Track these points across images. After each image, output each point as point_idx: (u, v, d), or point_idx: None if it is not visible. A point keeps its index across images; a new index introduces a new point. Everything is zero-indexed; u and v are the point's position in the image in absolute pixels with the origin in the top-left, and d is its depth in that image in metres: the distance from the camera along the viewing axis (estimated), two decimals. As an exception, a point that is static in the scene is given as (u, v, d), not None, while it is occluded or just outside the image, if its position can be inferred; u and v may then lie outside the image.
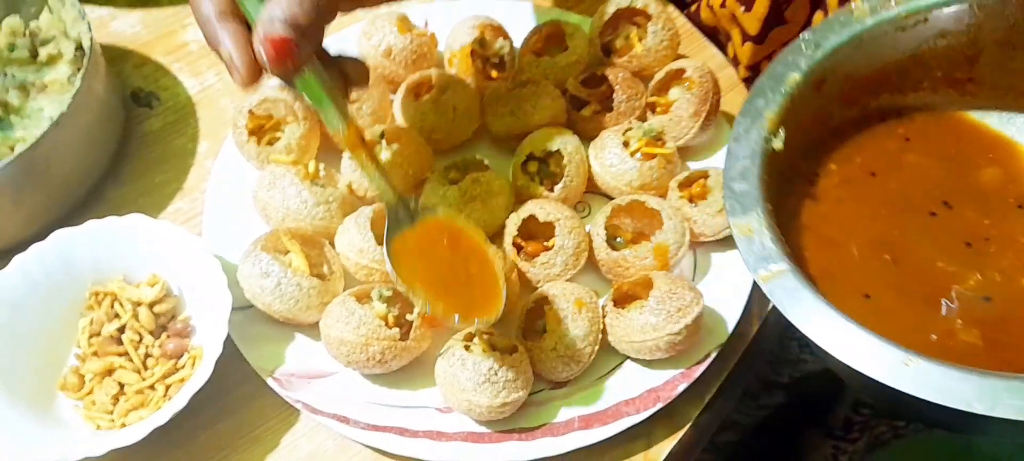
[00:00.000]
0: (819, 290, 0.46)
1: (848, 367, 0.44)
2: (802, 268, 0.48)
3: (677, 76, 0.67)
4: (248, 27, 0.49)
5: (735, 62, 0.75)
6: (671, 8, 0.76)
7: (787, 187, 0.55)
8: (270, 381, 0.57)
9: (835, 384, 0.77)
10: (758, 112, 0.54)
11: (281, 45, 0.47)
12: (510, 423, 0.55)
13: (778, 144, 0.53)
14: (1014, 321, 0.51)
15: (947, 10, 0.56)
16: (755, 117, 0.53)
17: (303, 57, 0.48)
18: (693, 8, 0.78)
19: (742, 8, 0.70)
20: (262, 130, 0.66)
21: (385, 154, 0.64)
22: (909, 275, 0.53)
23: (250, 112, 0.65)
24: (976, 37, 0.57)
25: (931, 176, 0.57)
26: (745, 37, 0.72)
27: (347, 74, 0.53)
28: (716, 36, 0.77)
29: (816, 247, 0.54)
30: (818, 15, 0.68)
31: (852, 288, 0.51)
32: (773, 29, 0.71)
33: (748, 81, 0.74)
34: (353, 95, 0.67)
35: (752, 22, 0.70)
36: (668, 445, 0.56)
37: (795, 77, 0.55)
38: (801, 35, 0.56)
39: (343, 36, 0.74)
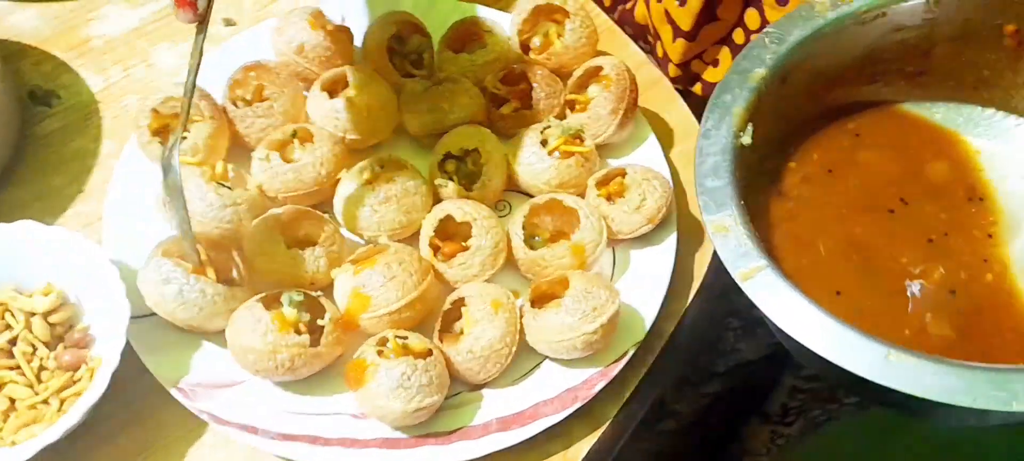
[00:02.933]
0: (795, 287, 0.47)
1: (831, 364, 0.44)
2: (777, 266, 0.48)
3: (595, 74, 0.67)
4: None
5: (665, 61, 0.75)
6: (590, 5, 0.76)
7: (755, 184, 0.55)
8: (174, 392, 0.55)
9: (771, 372, 0.79)
10: (726, 108, 0.54)
11: None
12: (426, 428, 0.54)
13: (747, 139, 0.53)
14: (982, 313, 0.52)
15: (905, 5, 0.57)
16: (724, 113, 0.53)
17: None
18: (628, 5, 0.78)
19: (677, 2, 0.71)
20: (167, 129, 0.63)
21: (298, 154, 0.62)
22: (876, 272, 0.53)
23: (154, 111, 0.62)
24: (931, 32, 0.58)
25: (884, 172, 0.58)
26: (677, 33, 0.72)
27: None
28: (645, 37, 0.78)
29: (787, 245, 0.54)
30: (750, 12, 0.69)
31: (824, 285, 0.52)
32: (704, 26, 0.71)
33: (678, 80, 0.75)
34: (265, 92, 0.65)
35: (685, 17, 0.71)
36: (587, 444, 0.56)
37: (761, 72, 0.55)
38: (764, 29, 0.57)
39: (256, 32, 0.71)
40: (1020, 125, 0.60)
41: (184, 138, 0.62)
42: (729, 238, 0.48)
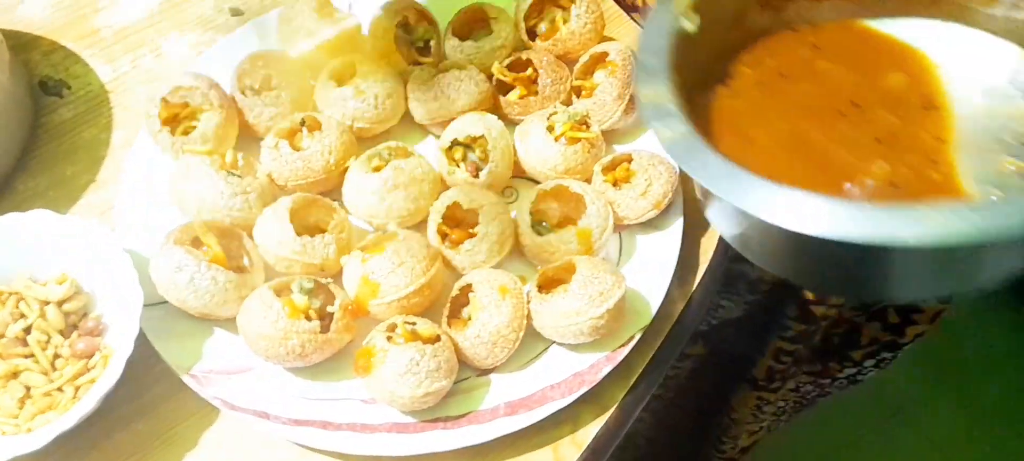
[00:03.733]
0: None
1: (759, 223, 0.44)
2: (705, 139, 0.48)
3: (601, 59, 0.67)
4: None
5: None
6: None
7: (703, 84, 0.55)
8: (186, 378, 0.55)
9: (756, 336, 0.79)
10: None
11: None
12: (435, 412, 0.55)
13: (690, 27, 0.53)
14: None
15: None
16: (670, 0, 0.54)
17: None
18: None
19: None
20: (177, 119, 0.63)
21: (306, 142, 0.63)
22: (818, 164, 0.53)
23: (163, 100, 0.63)
24: None
25: (840, 80, 0.58)
26: None
27: None
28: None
29: (728, 138, 0.54)
30: None
31: (759, 172, 0.51)
32: None
33: None
34: (272, 81, 0.66)
35: None
36: (594, 427, 0.56)
37: None
38: None
39: (262, 22, 0.71)
40: (982, 41, 0.60)
41: (194, 128, 0.63)
42: (657, 107, 0.49)
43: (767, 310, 0.75)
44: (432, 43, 0.70)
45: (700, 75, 0.54)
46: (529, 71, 0.67)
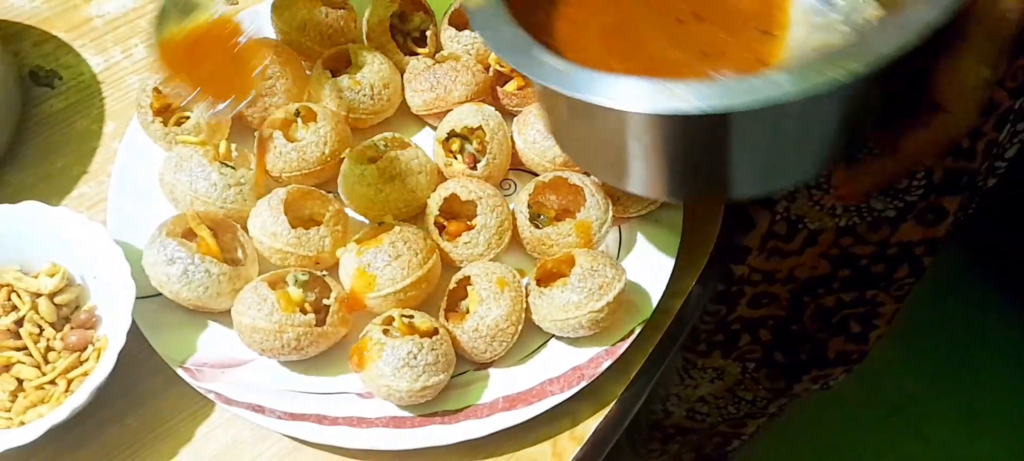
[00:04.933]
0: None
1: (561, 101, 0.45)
2: (539, 36, 0.47)
3: (600, 50, 0.66)
4: None
5: None
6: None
7: None
8: (180, 372, 0.55)
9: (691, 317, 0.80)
10: None
11: None
12: (433, 406, 0.54)
13: None
14: None
15: None
16: None
17: None
18: None
19: None
20: (169, 109, 0.63)
21: (301, 133, 0.62)
22: (640, 59, 0.52)
23: (155, 90, 0.62)
24: None
25: None
26: None
27: None
28: None
29: (558, 23, 0.53)
30: None
31: (575, 57, 0.50)
32: None
33: None
34: (267, 71, 0.65)
35: None
36: (593, 422, 0.56)
37: None
38: None
39: (256, 11, 0.71)
40: None
41: (186, 118, 0.62)
42: None
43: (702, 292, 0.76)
44: (428, 33, 0.69)
45: None
46: (527, 62, 0.66)
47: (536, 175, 0.62)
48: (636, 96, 0.41)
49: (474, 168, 0.61)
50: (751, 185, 0.51)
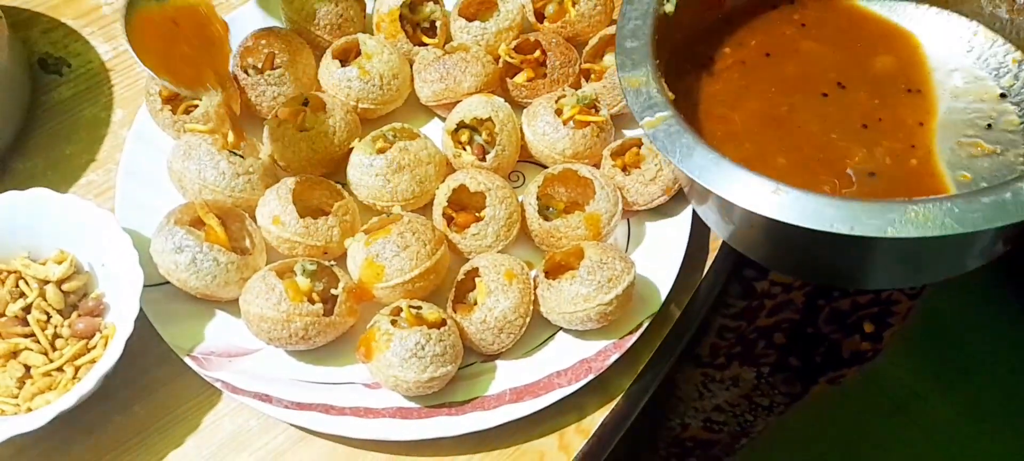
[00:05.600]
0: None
1: (727, 203, 0.46)
2: (684, 122, 0.50)
3: (611, 42, 0.66)
4: None
5: None
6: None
7: (684, 68, 0.57)
8: (188, 360, 0.55)
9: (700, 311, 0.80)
10: None
11: None
12: (440, 398, 0.54)
13: (669, 8, 0.54)
14: (897, 194, 0.52)
15: None
16: None
17: None
18: None
19: None
20: (178, 98, 0.62)
21: (310, 123, 0.62)
22: (797, 146, 0.54)
23: (165, 79, 0.62)
24: None
25: (827, 60, 0.59)
26: None
27: None
28: None
29: (706, 122, 0.55)
30: None
31: (735, 153, 0.52)
32: None
33: None
34: (276, 60, 0.64)
35: None
36: (600, 416, 0.56)
37: None
38: None
39: (265, 0, 0.70)
40: (967, 27, 0.60)
41: (195, 106, 0.62)
42: (640, 93, 0.51)
43: (711, 288, 0.76)
44: (438, 24, 0.68)
45: (682, 59, 0.55)
46: (537, 53, 0.66)
47: (545, 167, 0.62)
48: (891, 223, 0.43)
49: (483, 159, 0.61)
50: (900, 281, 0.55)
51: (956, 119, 0.55)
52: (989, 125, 0.54)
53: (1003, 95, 0.55)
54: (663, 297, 0.57)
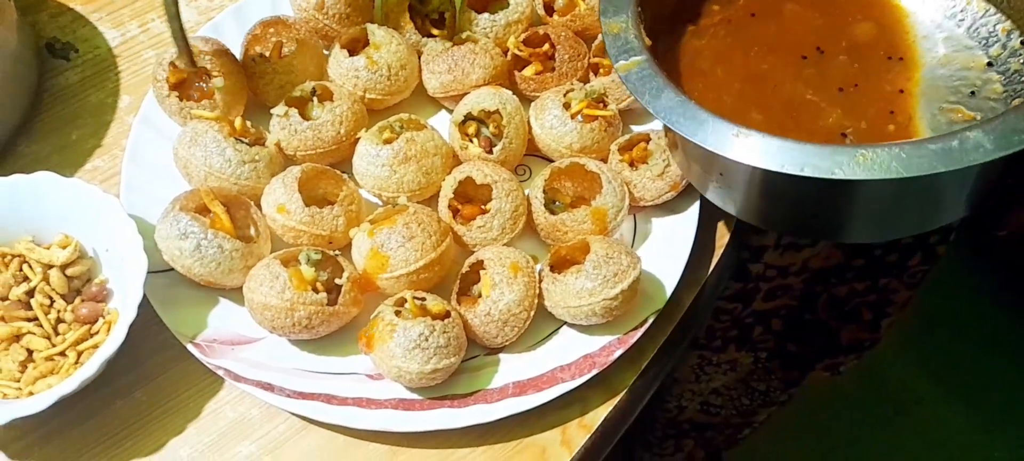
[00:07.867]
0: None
1: (695, 146, 0.48)
2: (659, 67, 0.51)
3: (620, 37, 0.65)
4: None
5: None
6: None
7: (671, 26, 0.58)
8: (190, 347, 0.54)
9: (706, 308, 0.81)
10: None
11: None
12: (442, 390, 0.54)
13: None
14: None
15: None
16: None
17: None
18: None
19: None
20: (185, 84, 0.62)
21: (317, 112, 0.62)
22: (772, 104, 0.55)
23: (172, 64, 0.61)
24: None
25: (809, 24, 0.59)
26: None
27: None
28: None
29: (689, 76, 0.57)
30: None
31: (714, 106, 0.53)
32: None
33: None
34: (285, 50, 0.64)
35: None
36: (604, 411, 0.55)
37: None
38: None
39: (274, -11, 0.70)
40: None
41: (202, 92, 0.62)
42: (619, 38, 0.52)
43: (717, 283, 0.76)
44: (447, 15, 0.68)
45: (669, 13, 0.56)
46: (545, 47, 0.66)
47: (552, 161, 0.62)
48: (840, 165, 0.44)
49: (490, 152, 0.61)
50: (867, 234, 0.55)
51: (940, 86, 0.55)
52: (973, 92, 0.55)
53: (990, 64, 0.56)
54: (668, 293, 0.57)
